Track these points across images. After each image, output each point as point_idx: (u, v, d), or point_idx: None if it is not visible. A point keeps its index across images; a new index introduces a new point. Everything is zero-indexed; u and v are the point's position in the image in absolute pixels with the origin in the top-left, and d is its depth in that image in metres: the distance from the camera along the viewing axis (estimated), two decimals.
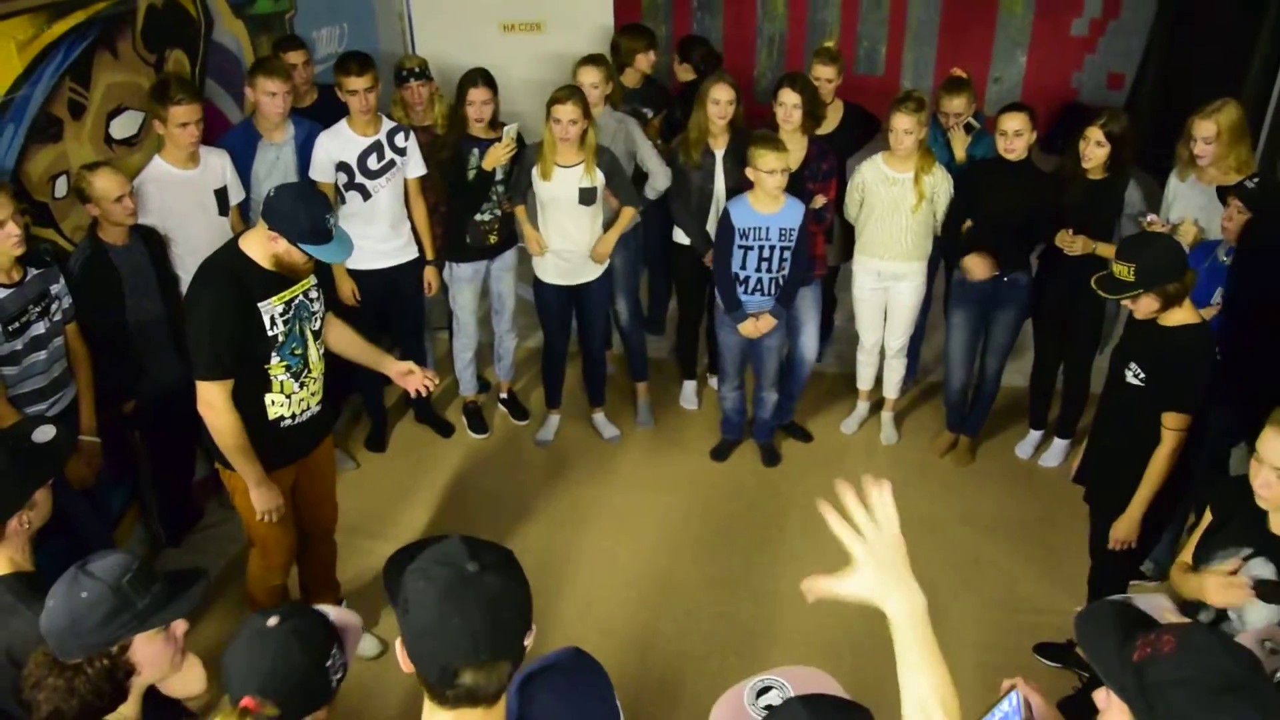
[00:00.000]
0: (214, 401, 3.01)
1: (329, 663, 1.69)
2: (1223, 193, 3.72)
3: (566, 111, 4.23)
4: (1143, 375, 3.17)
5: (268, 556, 3.43)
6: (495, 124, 4.55)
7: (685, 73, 5.42)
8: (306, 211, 2.93)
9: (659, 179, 4.69)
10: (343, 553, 3.90)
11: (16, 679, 2.07)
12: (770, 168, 4.15)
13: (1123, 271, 3.02)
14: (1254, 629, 2.02)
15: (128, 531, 4.12)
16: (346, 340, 3.45)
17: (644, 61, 5.10)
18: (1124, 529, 3.32)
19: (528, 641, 1.49)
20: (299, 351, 3.17)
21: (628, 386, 5.39)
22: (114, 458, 3.78)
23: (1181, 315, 3.07)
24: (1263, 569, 2.41)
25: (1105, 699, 1.56)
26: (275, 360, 3.10)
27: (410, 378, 3.38)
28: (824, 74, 4.70)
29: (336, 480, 3.71)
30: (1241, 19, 6.53)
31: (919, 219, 4.47)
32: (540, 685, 1.66)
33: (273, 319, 3.05)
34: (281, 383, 3.15)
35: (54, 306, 3.37)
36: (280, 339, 3.09)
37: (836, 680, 1.56)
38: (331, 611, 1.86)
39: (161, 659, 1.92)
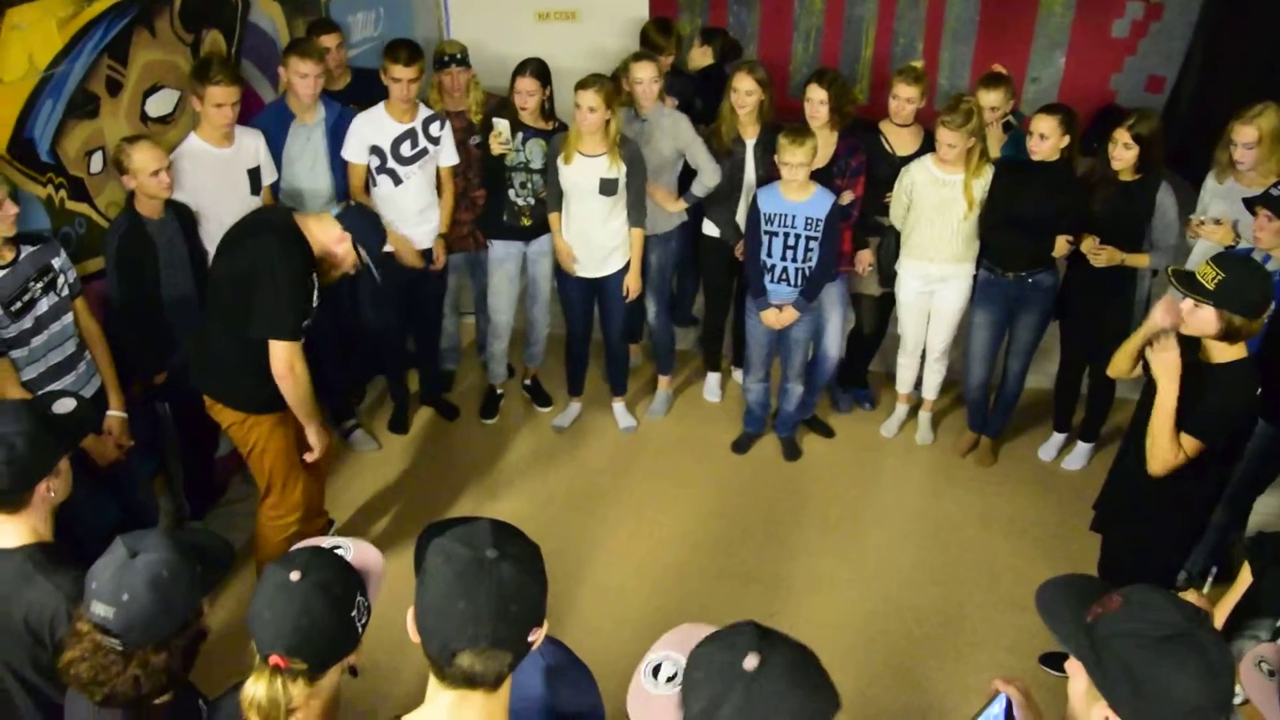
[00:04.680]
0: (294, 363, 3.27)
1: (354, 612, 1.69)
2: (1249, 203, 3.66)
3: (587, 98, 4.24)
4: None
5: (289, 496, 3.60)
6: (548, 114, 4.61)
7: (703, 56, 5.37)
8: (380, 233, 3.44)
9: (708, 175, 4.64)
10: (356, 534, 3.93)
11: (33, 647, 2.11)
12: (789, 161, 4.16)
13: (1207, 274, 2.79)
14: (1254, 651, 1.97)
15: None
16: None
17: (664, 60, 5.08)
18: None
19: (533, 637, 1.50)
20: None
21: (654, 378, 5.40)
22: (141, 431, 3.82)
23: (1230, 353, 2.89)
24: None
25: (1072, 665, 1.62)
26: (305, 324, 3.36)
27: (315, 442, 3.56)
28: (904, 94, 4.44)
29: (357, 458, 3.78)
30: None
31: (969, 222, 4.41)
32: (560, 677, 1.72)
33: (311, 292, 3.32)
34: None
35: (59, 281, 3.33)
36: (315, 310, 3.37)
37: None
38: (352, 549, 1.85)
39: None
